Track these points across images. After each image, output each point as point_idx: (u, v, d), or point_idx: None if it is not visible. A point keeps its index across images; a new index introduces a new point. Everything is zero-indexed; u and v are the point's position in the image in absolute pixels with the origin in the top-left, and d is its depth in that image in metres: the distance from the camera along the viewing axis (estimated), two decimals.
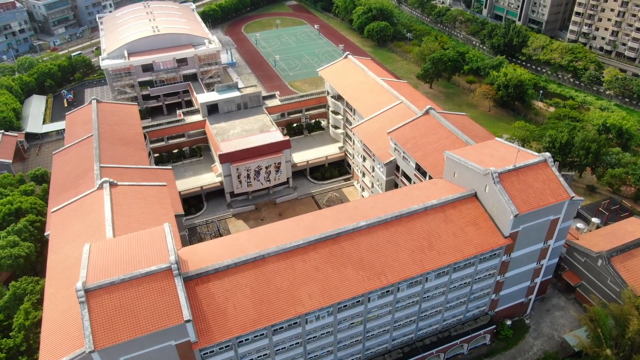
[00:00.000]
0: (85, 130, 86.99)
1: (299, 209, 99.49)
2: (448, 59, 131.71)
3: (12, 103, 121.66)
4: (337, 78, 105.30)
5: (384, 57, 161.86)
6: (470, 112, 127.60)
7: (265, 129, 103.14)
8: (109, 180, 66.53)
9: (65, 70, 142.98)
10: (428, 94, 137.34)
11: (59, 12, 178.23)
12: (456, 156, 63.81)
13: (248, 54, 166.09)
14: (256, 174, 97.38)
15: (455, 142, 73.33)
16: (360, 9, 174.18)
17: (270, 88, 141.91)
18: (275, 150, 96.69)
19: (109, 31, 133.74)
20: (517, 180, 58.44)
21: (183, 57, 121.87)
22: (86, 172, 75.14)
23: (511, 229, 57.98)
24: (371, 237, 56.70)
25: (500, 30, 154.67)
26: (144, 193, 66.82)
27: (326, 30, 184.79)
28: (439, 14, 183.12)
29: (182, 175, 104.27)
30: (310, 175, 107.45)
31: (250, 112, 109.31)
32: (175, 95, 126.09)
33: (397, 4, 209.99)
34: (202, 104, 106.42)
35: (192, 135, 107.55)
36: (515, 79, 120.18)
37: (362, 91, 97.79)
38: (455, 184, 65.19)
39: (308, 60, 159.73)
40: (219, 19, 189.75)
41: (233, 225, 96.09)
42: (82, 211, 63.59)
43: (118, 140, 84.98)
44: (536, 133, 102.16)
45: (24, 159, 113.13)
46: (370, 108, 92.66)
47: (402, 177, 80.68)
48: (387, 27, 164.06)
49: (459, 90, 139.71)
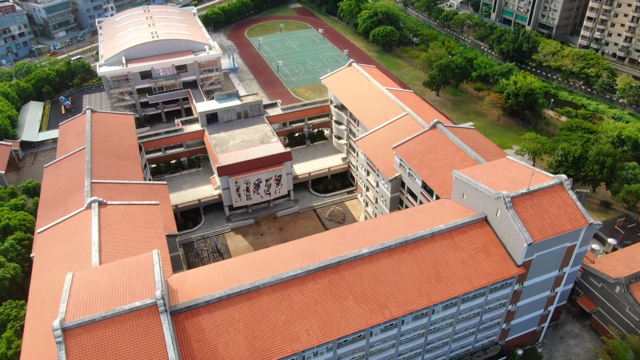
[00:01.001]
0: (78, 142, 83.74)
1: (300, 223, 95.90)
2: (456, 66, 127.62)
3: (8, 110, 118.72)
4: (341, 87, 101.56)
5: (389, 62, 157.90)
6: (479, 121, 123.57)
7: (265, 140, 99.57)
8: (98, 199, 63.13)
9: (63, 76, 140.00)
10: (435, 101, 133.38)
11: (59, 15, 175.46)
12: (465, 176, 59.92)
13: (250, 58, 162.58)
14: (256, 187, 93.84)
15: (464, 159, 69.42)
16: (365, 13, 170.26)
17: (273, 95, 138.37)
18: (275, 163, 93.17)
19: (107, 36, 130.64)
20: (531, 204, 54.50)
21: (182, 63, 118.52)
22: (76, 189, 71.81)
23: (524, 257, 54.06)
24: (374, 265, 52.94)
25: (510, 36, 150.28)
26: (135, 213, 63.35)
27: (331, 34, 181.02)
28: (446, 18, 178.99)
29: (180, 187, 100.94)
30: (312, 187, 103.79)
31: (251, 121, 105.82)
32: (174, 103, 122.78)
33: (404, 7, 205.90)
34: (201, 113, 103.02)
35: (190, 145, 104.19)
36: (526, 88, 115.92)
37: (367, 101, 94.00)
38: (464, 206, 61.31)
39: (312, 65, 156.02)
40: (222, 22, 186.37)
41: (232, 240, 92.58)
42: (68, 233, 60.25)
43: (111, 153, 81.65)
44: (548, 145, 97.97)
45: (19, 168, 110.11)
46: (375, 119, 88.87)
47: (408, 195, 76.85)
48: (393, 31, 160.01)
49: (467, 97, 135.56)
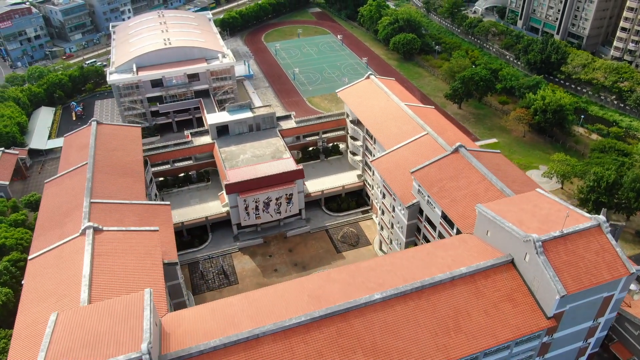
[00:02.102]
0: (81, 157, 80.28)
1: (311, 244, 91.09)
2: (480, 78, 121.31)
3: (18, 117, 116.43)
4: (358, 101, 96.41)
5: (410, 71, 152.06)
6: (503, 137, 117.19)
7: (277, 155, 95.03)
8: (93, 225, 59.14)
9: (76, 81, 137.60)
10: (457, 114, 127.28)
11: (75, 17, 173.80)
12: (490, 212, 54.32)
13: (266, 65, 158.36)
14: (265, 206, 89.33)
15: (488, 189, 63.73)
16: (386, 20, 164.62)
17: (288, 104, 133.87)
18: (287, 181, 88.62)
19: (120, 42, 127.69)
20: (564, 250, 48.69)
21: (194, 72, 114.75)
22: (75, 208, 68.12)
23: (556, 309, 48.28)
24: (387, 314, 47.75)
25: (537, 46, 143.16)
26: (132, 241, 59.23)
27: (350, 40, 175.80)
28: (470, 25, 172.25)
29: (187, 202, 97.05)
30: (325, 205, 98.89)
31: (263, 134, 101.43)
32: (185, 112, 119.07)
33: (426, 12, 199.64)
34: (211, 125, 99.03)
35: (199, 158, 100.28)
36: (555, 104, 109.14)
37: (384, 118, 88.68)
38: (488, 244, 55.71)
39: (329, 73, 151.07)
40: (239, 27, 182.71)
41: (239, 261, 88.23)
42: (60, 262, 56.41)
43: (114, 169, 77.90)
44: (578, 169, 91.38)
45: (25, 177, 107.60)
46: (393, 138, 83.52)
47: (426, 223, 71.37)
48: (415, 39, 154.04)
49: (491, 111, 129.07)
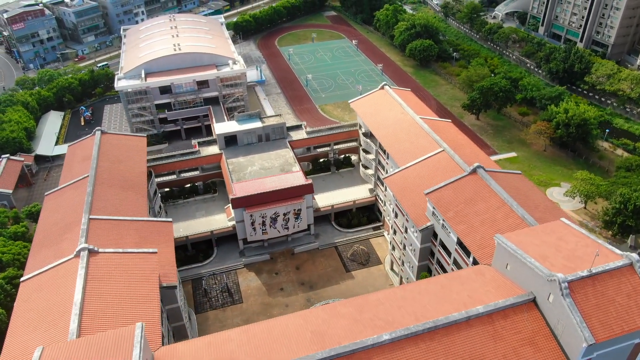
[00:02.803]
0: (83, 168, 77.71)
1: (320, 262, 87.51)
2: (499, 88, 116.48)
3: (25, 122, 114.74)
4: (371, 113, 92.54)
5: (426, 79, 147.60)
6: (522, 150, 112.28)
7: (286, 168, 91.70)
8: (88, 247, 56.25)
9: (86, 85, 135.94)
10: (474, 126, 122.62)
11: (89, 19, 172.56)
12: (511, 245, 50.15)
13: (279, 70, 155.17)
14: (273, 221, 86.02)
15: (508, 216, 59.48)
16: (402, 25, 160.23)
17: (299, 111, 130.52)
18: (295, 196, 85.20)
19: (130, 46, 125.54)
20: (593, 292, 44.37)
21: (204, 79, 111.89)
22: (73, 225, 65.43)
23: (582, 357, 43.98)
24: (396, 356, 43.91)
25: (560, 54, 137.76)
26: (128, 263, 56.22)
27: (365, 45, 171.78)
28: (490, 31, 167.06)
29: (193, 214, 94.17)
30: (335, 220, 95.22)
31: (273, 145, 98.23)
32: (194, 120, 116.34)
33: (444, 17, 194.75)
34: (219, 135, 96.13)
35: (206, 169, 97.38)
36: (578, 118, 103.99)
37: (398, 132, 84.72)
38: (507, 279, 51.55)
39: (343, 80, 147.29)
40: (252, 30, 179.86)
41: (244, 278, 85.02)
42: (52, 287, 53.62)
43: (116, 182, 75.17)
44: (603, 189, 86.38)
45: (31, 184, 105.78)
46: (407, 154, 79.55)
47: (440, 247, 67.31)
48: (432, 46, 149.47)
49: (510, 123, 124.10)
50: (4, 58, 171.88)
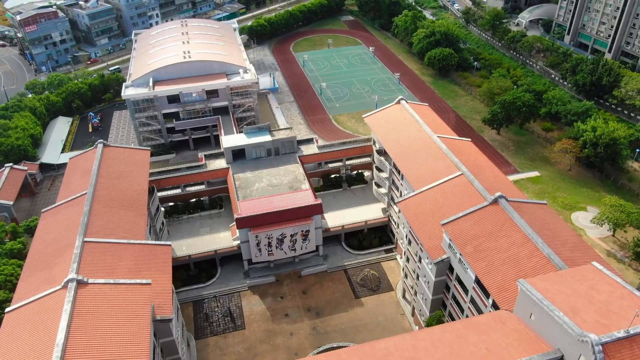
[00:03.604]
0: (82, 184, 74.41)
1: (328, 286, 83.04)
2: (522, 103, 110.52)
3: (32, 128, 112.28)
4: (385, 129, 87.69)
5: (445, 89, 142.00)
6: (546, 169, 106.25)
7: (295, 185, 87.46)
8: (77, 278, 52.58)
9: (96, 90, 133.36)
10: (495, 141, 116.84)
11: (102, 22, 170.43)
12: (536, 294, 45.06)
13: (293, 77, 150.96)
14: (279, 243, 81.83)
15: (533, 255, 54.26)
16: (421, 32, 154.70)
17: (312, 122, 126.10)
18: (303, 216, 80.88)
19: (140, 52, 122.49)
20: (631, 356, 39.12)
21: (213, 88, 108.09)
22: (67, 248, 62.03)
23: None
24: None
25: (587, 66, 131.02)
26: (119, 296, 52.42)
27: (382, 52, 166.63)
28: (513, 40, 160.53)
29: (197, 231, 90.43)
30: (345, 240, 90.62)
31: (282, 159, 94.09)
32: (203, 130, 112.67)
33: (465, 24, 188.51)
34: (226, 149, 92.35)
35: (213, 183, 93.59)
36: (607, 137, 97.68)
37: (414, 151, 79.77)
38: (530, 330, 46.43)
39: (358, 89, 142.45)
40: (267, 35, 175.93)
41: (247, 301, 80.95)
42: (36, 321, 50.03)
43: (115, 200, 71.66)
44: (634, 217, 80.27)
45: (34, 193, 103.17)
46: (423, 177, 74.62)
47: (456, 283, 62.29)
48: (452, 55, 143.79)
49: (533, 138, 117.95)
50: (17, 59, 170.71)
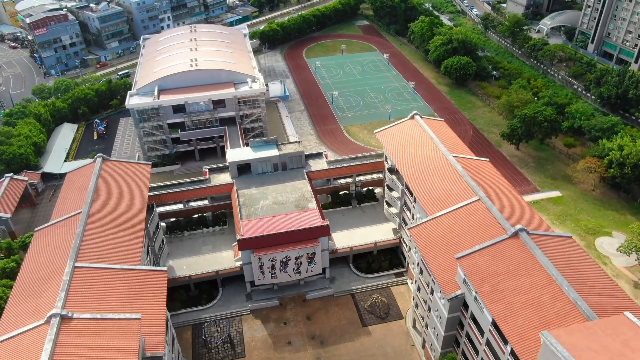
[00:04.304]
0: (77, 202, 71.06)
1: (333, 311, 78.70)
2: (544, 118, 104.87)
3: (35, 136, 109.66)
4: (398, 147, 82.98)
5: (461, 100, 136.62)
6: (568, 189, 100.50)
7: (302, 204, 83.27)
8: (60, 313, 48.97)
9: (103, 96, 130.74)
10: (513, 157, 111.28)
11: (113, 25, 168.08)
12: (563, 350, 40.20)
13: (305, 84, 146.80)
14: (283, 265, 77.71)
15: (557, 298, 49.25)
16: (438, 39, 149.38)
17: (322, 132, 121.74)
18: (309, 238, 76.65)
19: (146, 59, 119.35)
20: None
21: (220, 98, 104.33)
22: (56, 273, 58.66)
23: None
24: None
25: (613, 78, 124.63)
26: (106, 333, 48.66)
27: (397, 59, 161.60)
28: (534, 48, 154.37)
29: (199, 249, 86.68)
30: (353, 262, 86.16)
31: (289, 175, 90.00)
32: (209, 140, 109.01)
33: (484, 30, 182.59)
34: (231, 164, 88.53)
35: (216, 198, 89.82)
36: (635, 157, 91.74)
37: (428, 172, 74.98)
38: None
39: (371, 98, 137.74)
40: (280, 39, 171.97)
41: (249, 326, 76.96)
42: (15, 358, 46.56)
43: (111, 220, 68.11)
44: None
45: (35, 204, 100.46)
46: (437, 201, 69.87)
47: (471, 321, 57.46)
48: (469, 64, 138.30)
49: (554, 154, 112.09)
50: (27, 62, 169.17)
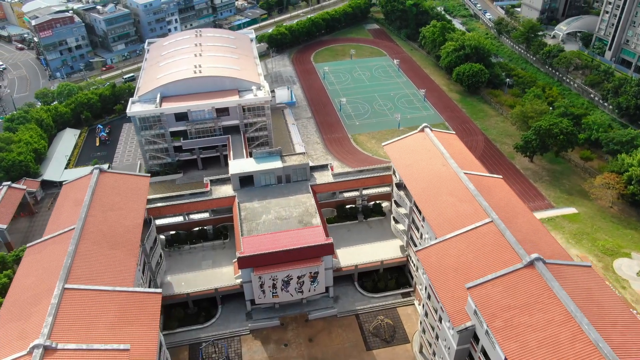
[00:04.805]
0: (71, 216, 68.42)
1: (337, 333, 75.36)
2: (560, 130, 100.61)
3: (36, 142, 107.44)
4: (407, 161, 79.37)
5: (473, 108, 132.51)
6: (584, 205, 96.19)
7: (305, 220, 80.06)
8: (43, 344, 46.16)
9: (106, 101, 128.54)
10: (527, 170, 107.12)
11: (119, 27, 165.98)
12: None
13: (312, 90, 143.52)
14: (285, 284, 74.51)
15: (576, 338, 45.44)
16: (450, 45, 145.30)
17: (329, 141, 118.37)
18: (312, 257, 73.34)
19: (150, 64, 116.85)
20: None
21: (224, 106, 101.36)
22: (45, 295, 56.03)
23: None
24: None
25: (632, 88, 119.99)
26: None
27: (408, 65, 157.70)
28: (549, 55, 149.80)
29: (198, 264, 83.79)
30: (358, 280, 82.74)
31: (293, 188, 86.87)
32: (213, 149, 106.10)
33: (497, 35, 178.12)
34: (233, 176, 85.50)
35: (217, 212, 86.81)
36: None
37: (438, 190, 71.31)
38: None
39: (380, 106, 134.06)
40: (288, 43, 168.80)
41: (248, 347, 73.89)
42: None
43: (106, 238, 65.33)
44: None
45: (33, 213, 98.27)
46: (446, 221, 66.24)
47: (481, 355, 53.79)
48: (482, 71, 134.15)
49: (570, 168, 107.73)
50: (33, 64, 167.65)
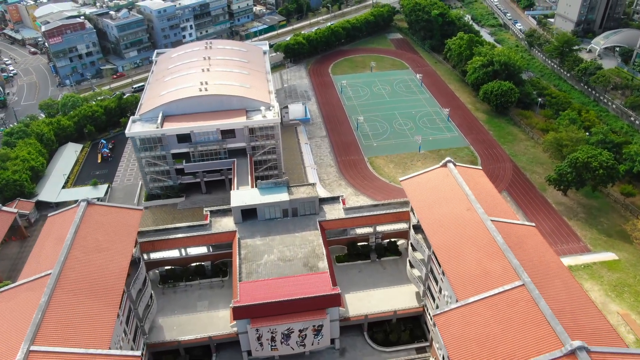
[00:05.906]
0: (50, 258, 61.60)
1: None
2: (599, 164, 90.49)
3: (34, 159, 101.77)
4: (426, 201, 70.60)
5: (501, 130, 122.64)
6: (626, 250, 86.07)
7: (311, 263, 72.18)
8: None
9: (111, 113, 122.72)
10: (560, 204, 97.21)
11: (132, 34, 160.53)
12: None
13: (328, 106, 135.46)
14: (285, 337, 66.72)
15: None
16: (478, 61, 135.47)
17: (344, 164, 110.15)
18: (316, 308, 65.45)
19: (155, 78, 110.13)
20: None
21: (230, 128, 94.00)
22: (9, 355, 49.31)
23: None
24: None
25: None
26: None
27: (431, 79, 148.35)
28: (585, 72, 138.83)
29: (193, 305, 76.53)
30: (368, 330, 74.44)
31: (300, 223, 79.15)
32: (217, 173, 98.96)
33: (528, 47, 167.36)
34: (235, 208, 78.08)
35: (217, 246, 79.51)
36: None
37: (461, 240, 62.52)
38: None
39: (400, 125, 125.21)
40: (305, 53, 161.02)
41: None
42: None
43: (85, 285, 58.34)
44: None
45: (25, 237, 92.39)
46: (470, 282, 57.44)
47: None
48: (512, 91, 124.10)
49: (608, 204, 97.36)
50: (44, 70, 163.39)
